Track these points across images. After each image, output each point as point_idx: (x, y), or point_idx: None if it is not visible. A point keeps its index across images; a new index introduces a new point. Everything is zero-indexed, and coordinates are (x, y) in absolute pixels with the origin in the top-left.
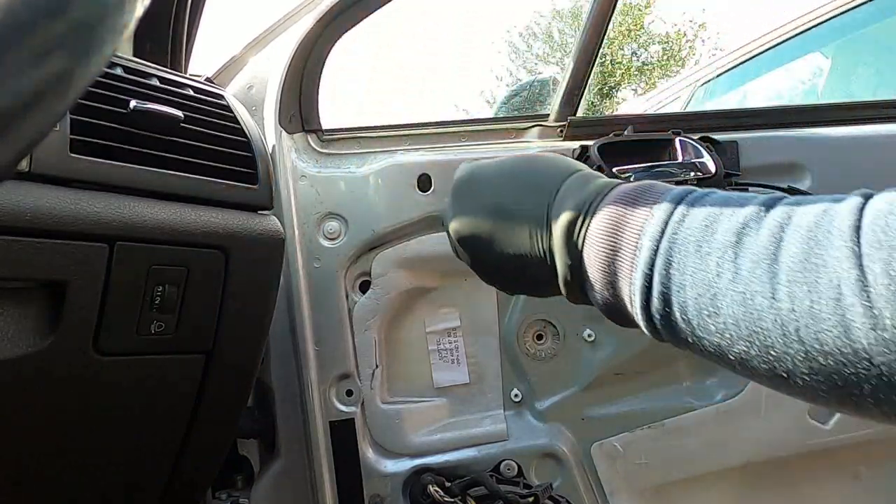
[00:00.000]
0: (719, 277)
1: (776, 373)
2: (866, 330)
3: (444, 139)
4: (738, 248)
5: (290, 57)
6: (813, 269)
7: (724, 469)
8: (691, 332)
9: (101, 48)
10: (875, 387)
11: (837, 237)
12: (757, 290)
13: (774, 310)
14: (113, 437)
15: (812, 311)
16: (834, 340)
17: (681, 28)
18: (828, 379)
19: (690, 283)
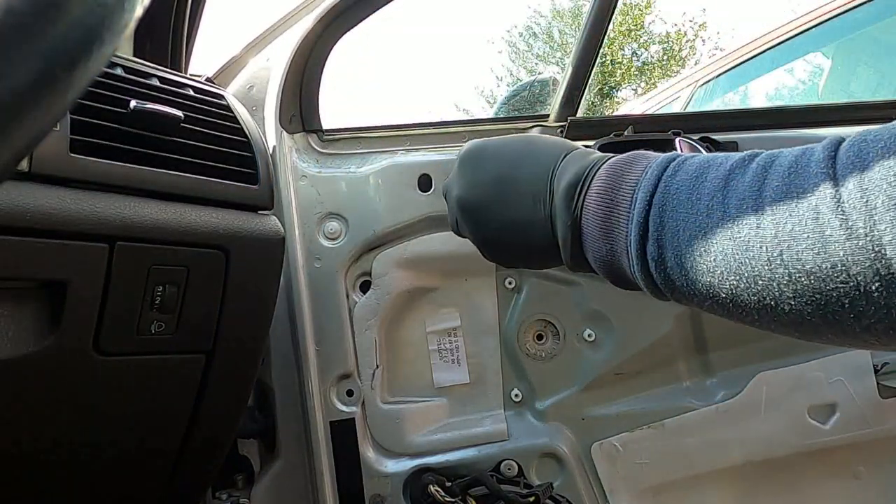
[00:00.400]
0: (709, 217)
1: (764, 303)
2: (842, 241)
3: (444, 139)
4: (726, 190)
5: (291, 57)
6: (794, 197)
7: (724, 469)
8: (684, 275)
9: (101, 48)
10: (853, 301)
11: (815, 166)
12: (744, 223)
13: (760, 238)
14: (113, 437)
15: (793, 233)
16: (814, 258)
17: (681, 28)
18: (811, 300)
19: (683, 226)
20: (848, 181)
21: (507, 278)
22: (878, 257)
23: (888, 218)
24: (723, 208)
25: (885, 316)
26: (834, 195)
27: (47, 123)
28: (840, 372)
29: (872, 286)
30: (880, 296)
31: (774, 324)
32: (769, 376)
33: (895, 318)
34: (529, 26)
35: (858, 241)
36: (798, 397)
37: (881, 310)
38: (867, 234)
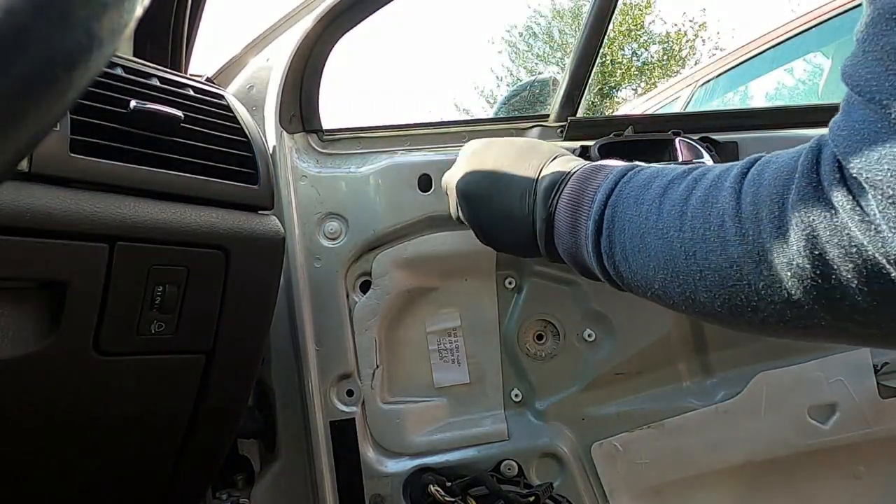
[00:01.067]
0: (647, 220)
1: (686, 295)
2: (737, 244)
3: (444, 139)
4: (663, 197)
5: (291, 57)
6: (709, 207)
7: (724, 469)
8: (629, 268)
9: (101, 48)
10: (748, 296)
11: (729, 181)
12: (671, 226)
13: (680, 240)
14: (113, 437)
15: (704, 237)
16: (717, 258)
17: (681, 28)
18: (718, 294)
19: (628, 226)
20: (747, 196)
21: (507, 278)
22: (762, 260)
23: (770, 228)
24: (658, 212)
25: (774, 311)
26: (735, 206)
27: (47, 123)
28: (840, 372)
29: (759, 284)
30: (766, 293)
31: (697, 314)
32: (769, 376)
33: (781, 313)
34: (529, 26)
35: (748, 245)
36: (798, 397)
37: (769, 306)
38: (755, 240)
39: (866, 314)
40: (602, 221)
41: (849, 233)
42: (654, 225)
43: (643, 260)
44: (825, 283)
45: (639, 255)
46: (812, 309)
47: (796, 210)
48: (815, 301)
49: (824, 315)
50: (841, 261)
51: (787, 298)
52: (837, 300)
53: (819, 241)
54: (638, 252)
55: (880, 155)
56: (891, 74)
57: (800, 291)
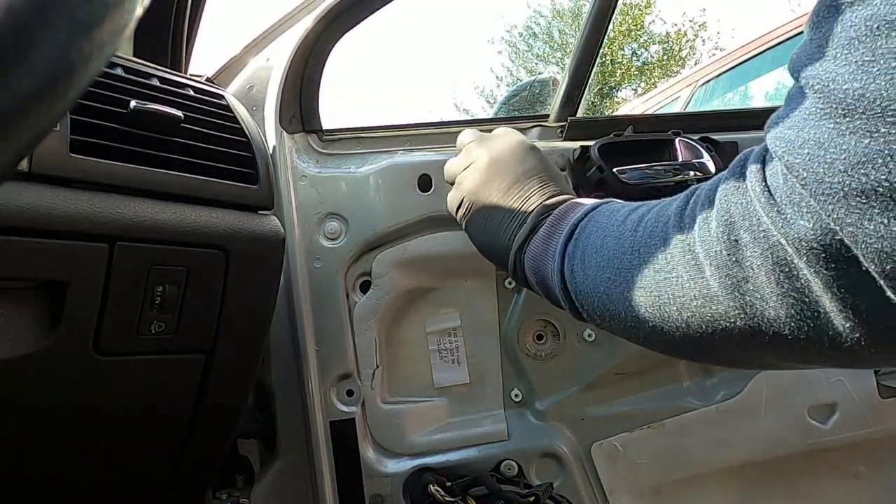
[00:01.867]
0: (608, 229)
1: (624, 296)
2: (674, 238)
3: (444, 139)
4: (631, 213)
5: (291, 57)
6: (663, 209)
7: (724, 469)
8: (584, 275)
9: (100, 48)
10: (674, 291)
11: (685, 192)
12: (626, 231)
13: (632, 241)
14: (113, 438)
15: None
16: (659, 252)
17: (681, 28)
18: (652, 291)
19: (589, 255)
20: (694, 196)
21: (508, 278)
22: (689, 250)
23: (700, 218)
24: (620, 225)
25: (695, 309)
26: (682, 205)
27: (47, 123)
28: (840, 372)
29: (684, 276)
30: (690, 287)
31: (630, 329)
32: (769, 376)
33: (702, 312)
34: (529, 26)
35: (683, 236)
36: (798, 397)
37: (691, 302)
38: (688, 231)
39: (776, 313)
40: (570, 239)
41: (757, 216)
42: (614, 232)
43: (596, 260)
44: (738, 270)
45: (594, 257)
46: (728, 306)
47: (721, 200)
48: (729, 294)
49: (738, 314)
50: (751, 245)
51: (708, 292)
52: (749, 293)
53: (735, 227)
54: (594, 253)
55: (803, 140)
56: (828, 60)
57: (716, 281)
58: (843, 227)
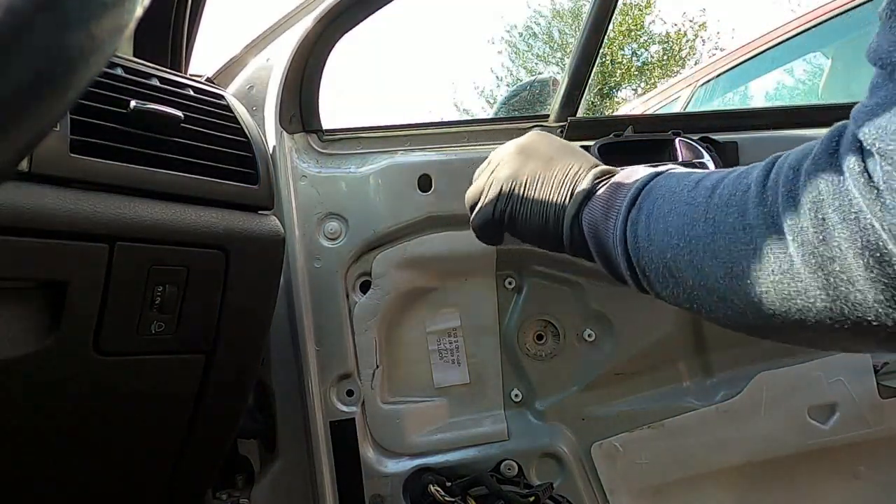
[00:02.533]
0: (680, 195)
1: (693, 264)
2: (754, 207)
3: (444, 139)
4: (701, 180)
5: (291, 57)
6: (741, 178)
7: (724, 469)
8: (647, 236)
9: (101, 48)
10: (751, 262)
11: (762, 163)
12: (700, 197)
13: (706, 206)
14: (113, 438)
15: (729, 202)
16: (734, 220)
17: (681, 28)
18: (724, 259)
19: (661, 200)
20: (774, 169)
21: (507, 278)
22: (773, 223)
23: (784, 192)
24: (692, 189)
25: (773, 283)
26: (763, 177)
27: (47, 123)
28: (840, 372)
29: (765, 249)
30: (769, 260)
31: (698, 290)
32: (769, 376)
33: (780, 286)
34: (529, 26)
35: (764, 208)
36: (798, 397)
37: (769, 276)
38: (772, 203)
39: (863, 296)
40: (633, 204)
41: (850, 197)
42: (685, 198)
43: (663, 226)
44: (824, 249)
45: (660, 223)
46: (809, 284)
47: (809, 176)
48: (812, 272)
49: (820, 293)
50: (840, 225)
51: (790, 267)
52: (834, 274)
53: (823, 205)
54: (661, 219)
55: (895, 125)
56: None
57: (799, 258)
58: None
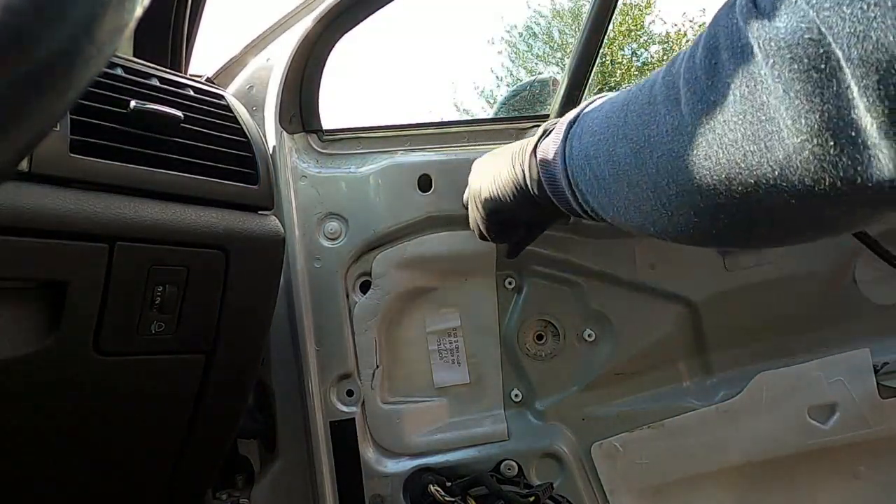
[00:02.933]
0: (599, 113)
1: (609, 133)
2: (662, 76)
3: (444, 139)
4: (621, 93)
5: (291, 57)
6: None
7: (724, 469)
8: (584, 153)
9: (100, 48)
10: (652, 115)
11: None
12: (612, 108)
13: (618, 110)
14: (113, 438)
15: (642, 87)
16: (638, 108)
17: (681, 28)
18: (635, 116)
19: (587, 129)
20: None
21: (507, 278)
22: (672, 65)
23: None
24: (609, 106)
25: (664, 126)
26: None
27: (47, 123)
28: (840, 372)
29: (661, 93)
30: (662, 99)
31: (615, 178)
32: (769, 376)
33: (671, 127)
34: (529, 26)
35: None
36: (798, 397)
37: (665, 119)
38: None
39: (735, 135)
40: (573, 125)
41: (738, 27)
42: (611, 100)
43: (589, 128)
44: (711, 94)
45: (587, 126)
46: (696, 139)
47: (711, 26)
48: (698, 121)
49: (705, 149)
50: (729, 62)
51: (678, 123)
52: (716, 119)
53: (718, 49)
54: (588, 124)
55: None
56: None
57: (688, 108)
58: (819, 13)
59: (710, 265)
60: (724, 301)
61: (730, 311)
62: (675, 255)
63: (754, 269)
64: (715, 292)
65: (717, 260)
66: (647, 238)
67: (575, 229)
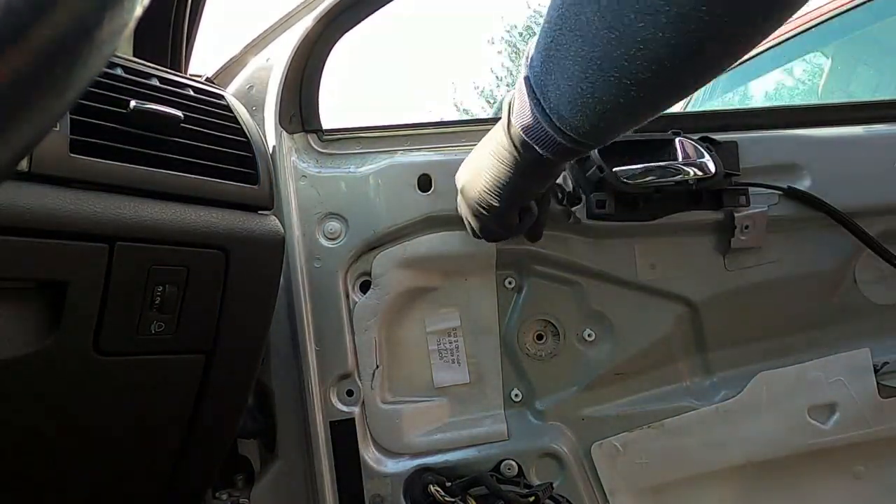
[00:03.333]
0: (547, 20)
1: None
2: None
3: (444, 139)
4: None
5: (291, 57)
6: None
7: (724, 469)
8: (547, 66)
9: (100, 48)
10: None
11: None
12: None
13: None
14: (113, 438)
15: None
16: None
17: None
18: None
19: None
20: None
21: (507, 278)
22: None
23: None
24: (552, 13)
25: None
26: None
27: (47, 123)
28: (840, 372)
29: None
30: None
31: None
32: (769, 376)
33: None
34: (529, 26)
35: None
36: (798, 397)
37: None
38: None
39: None
40: (529, 66)
41: None
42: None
43: (544, 41)
44: None
45: (542, 41)
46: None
47: None
48: None
49: None
50: None
51: None
52: None
53: None
54: (542, 40)
55: None
56: None
57: None
58: None
59: (711, 265)
60: (724, 301)
61: (730, 311)
62: (675, 255)
63: (754, 268)
64: (715, 292)
65: (718, 260)
66: (647, 238)
67: (575, 229)
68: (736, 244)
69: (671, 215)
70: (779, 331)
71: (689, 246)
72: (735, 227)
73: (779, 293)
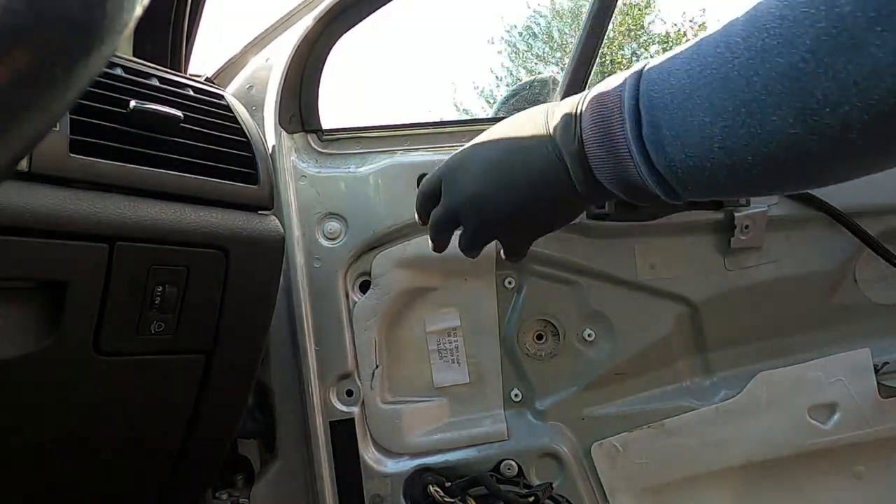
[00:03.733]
0: (689, 76)
1: (751, 124)
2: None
3: (444, 139)
4: (698, 49)
5: (290, 57)
6: (757, 12)
7: (724, 469)
8: (680, 141)
9: (100, 48)
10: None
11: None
12: (719, 55)
13: (735, 66)
14: (113, 437)
15: (765, 26)
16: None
17: (681, 28)
18: (780, 81)
19: (670, 97)
20: None
21: (507, 278)
22: None
23: None
24: (699, 60)
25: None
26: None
27: (47, 123)
28: (840, 372)
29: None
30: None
31: (764, 154)
32: (769, 376)
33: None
34: (529, 26)
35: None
36: (798, 397)
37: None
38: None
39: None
40: (639, 111)
41: None
42: (700, 77)
43: (692, 108)
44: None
45: (691, 117)
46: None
47: None
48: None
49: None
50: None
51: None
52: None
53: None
54: (689, 115)
55: None
56: None
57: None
58: None
59: (711, 265)
60: (724, 301)
61: (730, 311)
62: (675, 255)
63: (754, 268)
64: (715, 292)
65: (718, 260)
66: (647, 238)
67: (575, 229)
68: (736, 244)
69: (671, 215)
70: (779, 331)
71: (688, 246)
72: (735, 227)
73: (779, 293)
